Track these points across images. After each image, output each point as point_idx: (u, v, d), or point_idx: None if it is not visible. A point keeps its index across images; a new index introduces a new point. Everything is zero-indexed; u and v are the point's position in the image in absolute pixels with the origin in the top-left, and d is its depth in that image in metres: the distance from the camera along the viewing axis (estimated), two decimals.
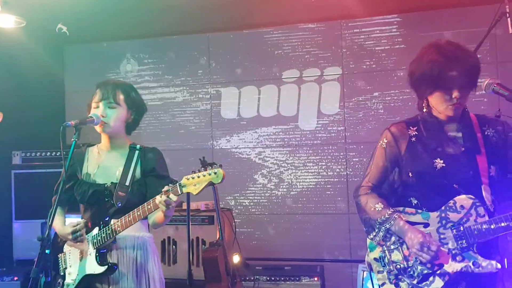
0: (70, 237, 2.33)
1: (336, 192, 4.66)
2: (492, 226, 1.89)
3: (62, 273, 2.40)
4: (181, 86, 5.12)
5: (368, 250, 2.12)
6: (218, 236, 3.74)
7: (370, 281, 2.13)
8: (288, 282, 4.11)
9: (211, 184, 2.13)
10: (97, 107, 2.38)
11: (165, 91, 5.13)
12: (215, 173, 2.08)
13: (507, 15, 3.43)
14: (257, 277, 4.13)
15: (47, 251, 1.98)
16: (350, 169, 4.63)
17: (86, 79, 4.96)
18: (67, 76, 5.36)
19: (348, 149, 4.65)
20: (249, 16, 4.61)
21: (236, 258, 3.94)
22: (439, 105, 2.02)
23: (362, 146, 4.60)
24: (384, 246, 2.05)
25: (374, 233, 2.06)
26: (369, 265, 2.10)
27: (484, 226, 1.90)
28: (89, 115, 2.35)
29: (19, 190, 4.47)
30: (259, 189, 4.86)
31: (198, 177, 2.10)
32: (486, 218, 1.92)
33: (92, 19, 4.45)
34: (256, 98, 4.93)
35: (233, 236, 4.14)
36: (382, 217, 2.03)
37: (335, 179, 4.67)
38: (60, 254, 2.44)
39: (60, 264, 2.42)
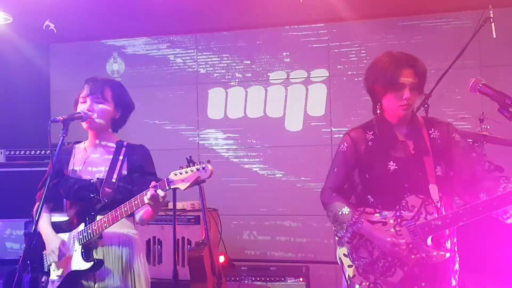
0: (56, 252, 2.29)
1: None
2: (439, 222, 2.11)
3: (46, 270, 2.37)
4: (169, 86, 5.11)
5: (338, 246, 2.34)
6: (204, 236, 3.73)
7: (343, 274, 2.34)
8: (273, 283, 4.12)
9: (199, 179, 2.13)
10: (85, 102, 2.37)
11: (152, 90, 5.12)
12: (203, 168, 2.07)
13: (491, 20, 3.50)
14: (243, 277, 4.13)
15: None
16: None
17: (72, 78, 4.91)
18: (53, 74, 5.31)
19: (334, 150, 4.67)
20: (237, 17, 4.63)
21: (221, 258, 3.94)
22: (391, 106, 2.20)
23: None
24: (350, 244, 2.26)
25: (342, 233, 2.26)
26: (340, 259, 2.31)
27: (433, 223, 2.12)
28: (78, 111, 2.34)
29: (2, 189, 4.40)
30: (245, 190, 4.87)
31: (186, 172, 2.10)
32: (435, 215, 2.14)
33: (79, 17, 4.43)
34: (243, 99, 4.95)
35: (219, 236, 4.14)
36: (350, 220, 2.22)
37: (320, 180, 4.68)
38: (44, 251, 2.41)
39: (45, 260, 2.40)
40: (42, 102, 5.16)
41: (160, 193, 2.14)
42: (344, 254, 2.29)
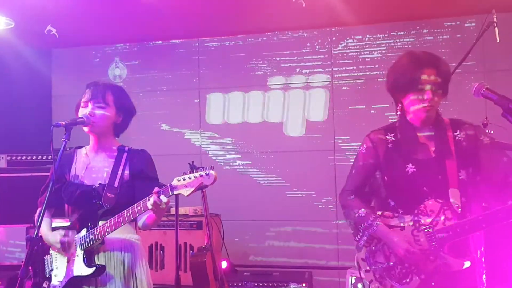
0: (57, 245, 2.30)
1: (324, 199, 4.68)
2: (457, 229, 2.04)
3: (48, 275, 2.37)
4: (169, 91, 5.12)
5: (356, 250, 2.29)
6: (206, 241, 3.72)
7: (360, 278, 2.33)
8: None
9: (202, 185, 2.12)
10: (86, 106, 2.37)
11: (153, 95, 5.13)
12: (207, 174, 2.07)
13: (495, 24, 3.50)
14: (245, 283, 4.12)
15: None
16: (338, 176, 4.65)
17: (73, 83, 4.92)
18: (55, 79, 5.32)
19: (336, 156, 4.68)
20: (238, 22, 4.64)
21: (224, 264, 3.93)
22: (412, 107, 2.15)
23: (349, 153, 4.63)
24: (368, 248, 2.22)
25: (359, 237, 2.23)
26: (358, 264, 2.27)
27: (451, 229, 2.05)
28: (80, 116, 2.34)
29: (3, 194, 4.39)
30: (247, 195, 4.86)
31: (190, 178, 2.09)
32: (454, 221, 2.07)
33: (81, 22, 4.44)
34: (242, 104, 4.95)
35: (222, 242, 4.13)
36: (366, 222, 2.19)
37: (323, 186, 4.70)
38: (46, 256, 2.41)
39: (46, 265, 2.39)
40: (43, 107, 5.17)
41: (163, 199, 2.13)
42: (361, 259, 2.25)
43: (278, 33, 4.86)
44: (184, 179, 2.11)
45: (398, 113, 2.23)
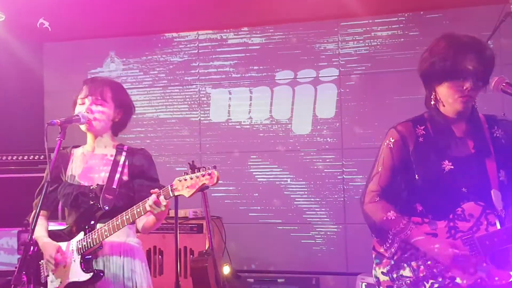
0: (51, 261, 2.31)
1: (332, 200, 4.70)
2: (504, 236, 1.89)
3: (43, 281, 2.39)
4: (168, 87, 5.14)
5: (375, 263, 2.09)
6: (208, 245, 3.75)
7: None
8: None
9: (204, 186, 2.15)
10: (83, 103, 2.39)
11: (151, 91, 5.16)
12: (209, 174, 2.09)
13: None
14: None
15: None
16: (347, 177, 4.67)
17: (67, 79, 4.97)
18: (47, 75, 5.35)
19: (345, 155, 4.70)
20: (241, 14, 4.65)
21: (226, 269, 3.96)
22: (448, 97, 2.01)
23: (359, 152, 4.65)
24: (392, 260, 2.03)
25: (388, 244, 2.02)
26: (377, 279, 2.08)
27: (495, 236, 1.90)
28: (75, 114, 2.36)
29: None
30: (250, 197, 4.88)
31: (191, 178, 2.11)
32: (498, 226, 1.93)
33: (74, 14, 4.46)
34: (247, 100, 4.97)
35: (223, 246, 4.16)
36: (397, 227, 1.99)
37: (330, 187, 4.71)
38: (41, 261, 2.43)
39: (41, 271, 2.42)
40: (35, 104, 5.20)
41: (163, 201, 2.15)
42: (382, 273, 2.04)
43: (284, 26, 4.87)
44: (185, 180, 2.13)
45: (432, 103, 2.07)
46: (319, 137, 4.78)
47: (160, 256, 4.05)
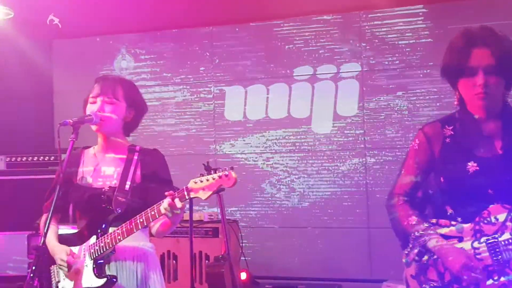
0: (64, 264, 2.35)
1: (354, 203, 4.69)
2: None
3: (54, 287, 2.44)
4: (181, 85, 5.19)
5: (405, 265, 2.14)
6: (224, 250, 3.77)
7: None
8: None
9: (221, 188, 2.16)
10: (95, 102, 2.43)
11: (164, 90, 5.20)
12: (226, 175, 2.09)
13: None
14: None
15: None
16: (370, 178, 4.66)
17: (77, 77, 5.04)
18: (56, 73, 5.43)
19: (368, 155, 4.69)
20: (257, 7, 4.66)
21: (243, 275, 3.98)
22: (465, 95, 2.05)
23: (383, 152, 4.64)
24: (419, 263, 2.08)
25: (409, 249, 2.09)
26: (406, 281, 2.13)
27: None
28: (88, 114, 2.40)
29: (3, 199, 4.51)
30: (267, 199, 4.90)
31: (207, 180, 2.12)
32: None
33: (84, 10, 4.52)
34: (264, 98, 4.99)
35: (240, 251, 4.17)
36: (416, 232, 2.06)
37: (353, 189, 4.70)
38: (52, 266, 2.47)
39: (52, 277, 2.46)
40: (44, 103, 5.27)
41: (178, 203, 2.17)
42: (411, 276, 2.10)
43: (302, 18, 4.87)
44: (201, 181, 2.14)
45: (455, 103, 2.11)
46: (341, 136, 4.77)
47: (174, 261, 4.09)
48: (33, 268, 2.08)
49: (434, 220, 2.10)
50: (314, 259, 4.73)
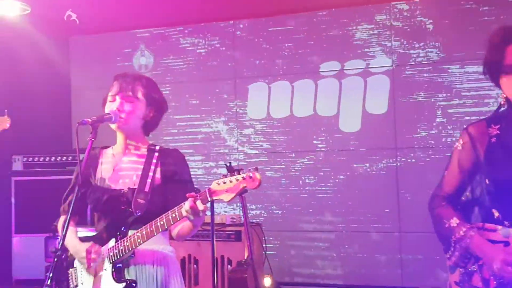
0: (84, 261, 2.37)
1: (385, 206, 4.63)
2: None
3: None
4: (202, 81, 5.18)
5: (449, 271, 2.16)
6: (247, 255, 3.75)
7: None
8: None
9: (244, 190, 2.14)
10: (114, 100, 2.43)
11: (184, 86, 5.21)
12: (250, 177, 2.07)
13: None
14: None
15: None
16: (401, 179, 4.59)
17: (94, 74, 5.08)
18: (74, 70, 5.49)
19: (399, 156, 4.62)
20: (281, 0, 4.64)
21: (267, 281, 3.95)
22: (508, 93, 2.04)
23: (415, 153, 4.56)
24: (462, 268, 2.09)
25: (451, 252, 2.10)
26: None
27: None
28: (107, 112, 2.40)
29: (19, 200, 4.56)
30: (293, 201, 4.87)
31: (231, 181, 2.10)
32: None
33: (102, 5, 4.55)
34: (288, 95, 4.96)
35: (264, 255, 4.15)
36: (457, 234, 2.06)
37: (383, 191, 4.65)
38: (70, 270, 2.48)
39: (70, 281, 2.47)
40: (62, 102, 5.33)
41: (200, 206, 2.15)
42: (455, 282, 2.11)
43: (329, 11, 4.82)
44: (224, 183, 2.12)
45: (500, 101, 2.12)
46: (370, 135, 4.71)
47: (195, 266, 4.08)
48: (51, 271, 2.09)
49: (480, 224, 2.09)
50: (341, 265, 4.69)
